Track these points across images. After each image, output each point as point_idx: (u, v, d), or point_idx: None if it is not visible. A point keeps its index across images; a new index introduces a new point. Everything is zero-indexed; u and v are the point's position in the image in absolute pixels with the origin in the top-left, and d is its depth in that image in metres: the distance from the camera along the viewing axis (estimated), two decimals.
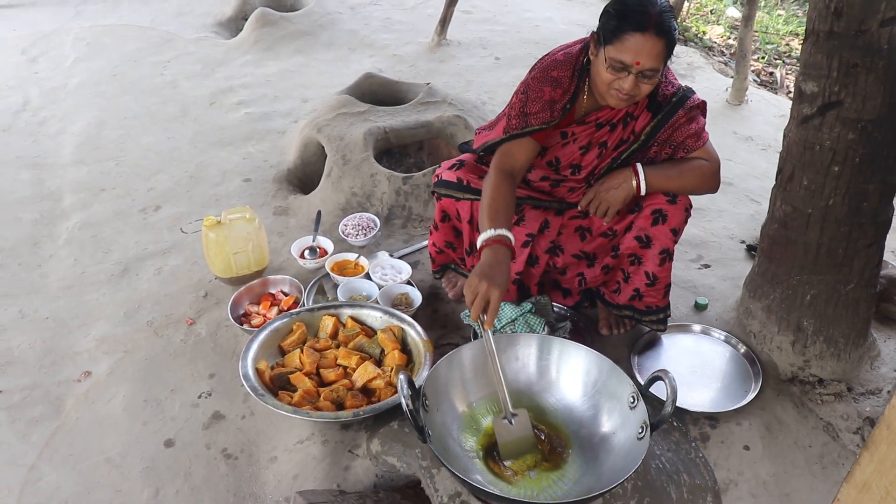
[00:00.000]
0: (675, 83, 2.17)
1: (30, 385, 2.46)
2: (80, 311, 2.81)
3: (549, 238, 2.37)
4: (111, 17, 6.48)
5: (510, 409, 1.83)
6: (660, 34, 1.88)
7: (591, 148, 2.23)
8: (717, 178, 2.21)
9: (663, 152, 2.20)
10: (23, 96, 4.85)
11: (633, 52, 1.89)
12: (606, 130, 2.19)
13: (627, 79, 1.93)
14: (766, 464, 2.08)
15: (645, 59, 1.89)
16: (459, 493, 1.79)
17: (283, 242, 3.11)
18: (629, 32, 1.88)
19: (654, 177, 2.16)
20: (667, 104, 2.13)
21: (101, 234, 3.29)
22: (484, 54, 5.49)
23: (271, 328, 2.36)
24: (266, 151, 3.97)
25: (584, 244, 2.37)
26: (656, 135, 2.16)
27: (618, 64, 1.92)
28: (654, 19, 1.87)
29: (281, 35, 5.69)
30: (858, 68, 1.93)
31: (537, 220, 2.33)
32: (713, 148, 2.22)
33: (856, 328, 2.25)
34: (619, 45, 1.90)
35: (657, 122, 2.14)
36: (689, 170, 2.18)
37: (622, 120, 2.17)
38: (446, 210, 2.43)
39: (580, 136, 2.21)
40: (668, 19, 1.90)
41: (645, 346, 2.48)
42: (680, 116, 2.13)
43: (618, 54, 1.91)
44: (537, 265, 2.41)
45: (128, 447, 2.22)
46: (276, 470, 2.11)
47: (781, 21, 7.06)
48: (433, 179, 2.45)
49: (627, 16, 1.89)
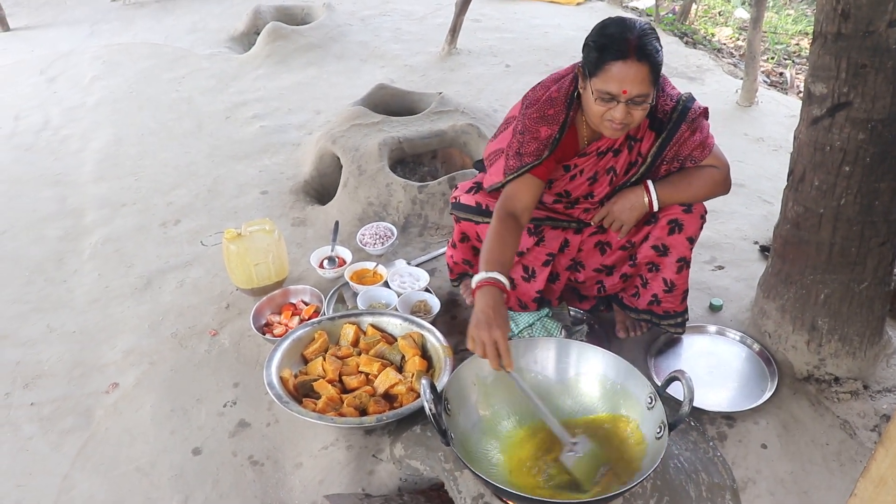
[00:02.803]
0: (675, 94, 2.15)
1: (60, 397, 2.52)
2: (105, 324, 2.87)
3: (569, 256, 2.40)
4: (125, 36, 6.59)
5: (570, 440, 1.83)
6: (642, 59, 1.87)
7: (600, 176, 2.23)
8: (727, 182, 2.23)
9: (672, 168, 2.21)
10: (43, 116, 4.95)
11: (618, 81, 1.88)
12: (610, 157, 2.19)
13: (618, 108, 1.93)
14: (783, 462, 2.10)
15: (630, 86, 1.88)
16: (482, 494, 1.83)
17: (301, 253, 3.17)
18: (611, 62, 1.87)
19: (666, 192, 2.18)
20: (668, 121, 2.13)
21: (124, 249, 3.36)
22: (494, 62, 5.54)
23: (294, 337, 2.41)
24: (282, 164, 4.03)
25: (605, 258, 2.39)
26: (663, 153, 2.16)
27: (605, 95, 1.92)
28: (634, 45, 1.86)
29: (293, 48, 5.77)
30: (867, 69, 1.95)
31: (557, 240, 2.35)
32: (721, 152, 2.23)
33: (871, 326, 2.27)
34: (604, 77, 1.90)
35: (662, 141, 2.14)
36: (699, 179, 2.19)
37: (625, 144, 2.17)
38: (466, 232, 2.47)
39: (584, 167, 2.22)
40: (649, 42, 1.89)
41: (661, 348, 2.51)
42: (684, 131, 2.13)
43: (604, 86, 1.90)
44: (558, 281, 2.44)
45: (156, 456, 2.27)
46: (301, 476, 2.15)
47: (790, 21, 7.07)
48: (451, 200, 2.47)
49: (607, 46, 1.89)
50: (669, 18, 6.75)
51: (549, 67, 5.22)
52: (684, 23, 6.68)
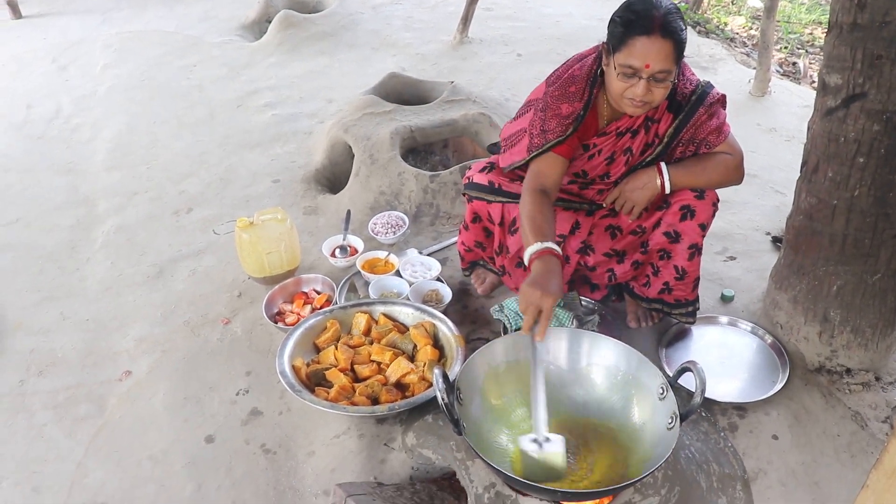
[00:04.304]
0: (694, 79, 2.18)
1: (74, 384, 2.54)
2: (118, 312, 2.89)
3: (580, 238, 2.40)
4: (137, 24, 6.59)
5: (544, 433, 1.75)
6: (666, 35, 1.89)
7: (617, 157, 2.24)
8: (740, 170, 2.23)
9: (688, 151, 2.22)
10: (55, 104, 4.97)
11: (642, 55, 1.90)
12: (628, 138, 2.21)
13: (639, 84, 1.94)
14: (794, 453, 2.10)
15: (654, 61, 1.91)
16: (494, 483, 1.84)
17: (313, 242, 3.18)
18: (635, 37, 1.90)
19: (679, 175, 2.19)
20: (687, 103, 2.14)
21: (136, 237, 3.38)
22: (506, 51, 5.52)
23: (306, 326, 2.42)
24: (293, 152, 4.04)
25: (615, 242, 2.40)
26: (679, 135, 2.17)
27: (628, 70, 1.94)
28: (659, 21, 1.89)
29: (304, 37, 5.76)
30: (883, 60, 1.94)
31: (568, 222, 2.37)
32: (735, 140, 2.23)
33: (883, 318, 2.26)
34: (627, 51, 1.92)
35: (679, 122, 2.16)
36: (712, 165, 2.19)
37: (643, 125, 2.19)
38: (478, 212, 2.48)
39: (603, 147, 2.23)
40: (674, 20, 1.91)
41: (673, 339, 2.51)
42: (701, 114, 2.14)
43: (627, 60, 1.93)
44: (568, 264, 2.45)
45: (170, 444, 2.29)
46: (314, 464, 2.17)
47: (804, 10, 7.01)
48: (464, 181, 2.49)
49: (632, 21, 1.91)
50: (683, 7, 6.71)
51: (561, 56, 5.19)
52: (697, 11, 6.64)
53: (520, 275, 2.49)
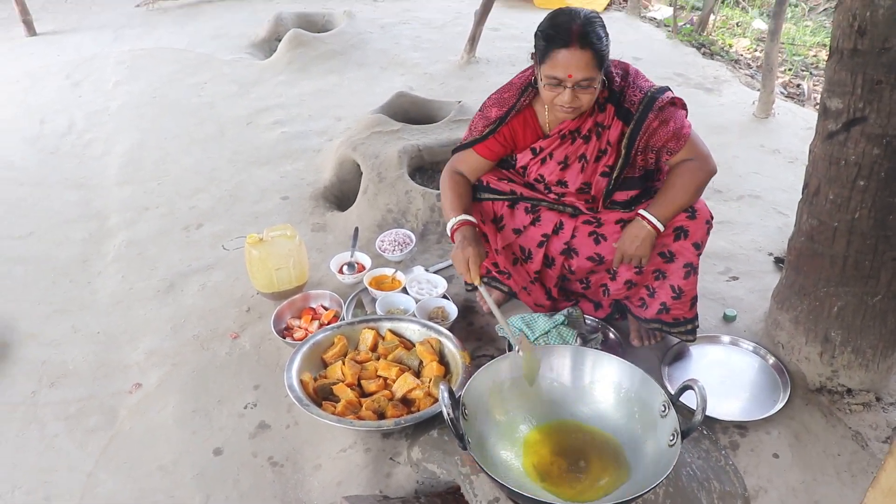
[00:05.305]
0: (645, 86, 2.20)
1: (85, 396, 2.58)
2: (129, 325, 2.93)
3: (563, 239, 2.44)
4: (149, 41, 6.68)
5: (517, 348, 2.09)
6: (585, 46, 1.99)
7: (571, 162, 2.31)
8: (707, 168, 2.22)
9: (648, 158, 2.26)
10: (68, 119, 5.04)
11: (563, 67, 2.02)
12: (581, 143, 2.26)
13: (565, 92, 2.06)
14: (795, 471, 2.13)
15: (575, 71, 2.01)
16: (497, 497, 1.87)
17: (321, 258, 3.22)
18: (556, 50, 2.02)
19: (661, 210, 2.20)
20: (636, 111, 2.18)
21: (147, 252, 3.42)
22: (513, 71, 5.50)
23: (313, 341, 2.46)
24: (302, 170, 4.09)
25: (598, 248, 2.42)
26: (634, 144, 2.21)
27: (553, 80, 2.06)
28: (577, 33, 1.99)
29: (314, 55, 5.84)
30: (882, 85, 1.98)
31: (552, 222, 2.44)
32: (698, 139, 2.24)
33: (884, 339, 2.29)
34: (551, 63, 2.04)
35: (631, 131, 2.19)
36: (682, 183, 2.19)
37: (594, 131, 2.24)
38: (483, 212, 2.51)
39: (550, 149, 2.31)
40: (592, 31, 2.01)
41: (675, 357, 2.54)
42: (651, 120, 2.17)
43: (551, 71, 2.05)
44: (553, 266, 2.50)
45: (179, 455, 2.32)
46: (320, 477, 2.20)
47: (809, 32, 7.07)
48: None
49: (552, 36, 2.03)
50: (688, 29, 6.78)
51: None
52: (702, 33, 6.70)
53: (538, 290, 2.60)
